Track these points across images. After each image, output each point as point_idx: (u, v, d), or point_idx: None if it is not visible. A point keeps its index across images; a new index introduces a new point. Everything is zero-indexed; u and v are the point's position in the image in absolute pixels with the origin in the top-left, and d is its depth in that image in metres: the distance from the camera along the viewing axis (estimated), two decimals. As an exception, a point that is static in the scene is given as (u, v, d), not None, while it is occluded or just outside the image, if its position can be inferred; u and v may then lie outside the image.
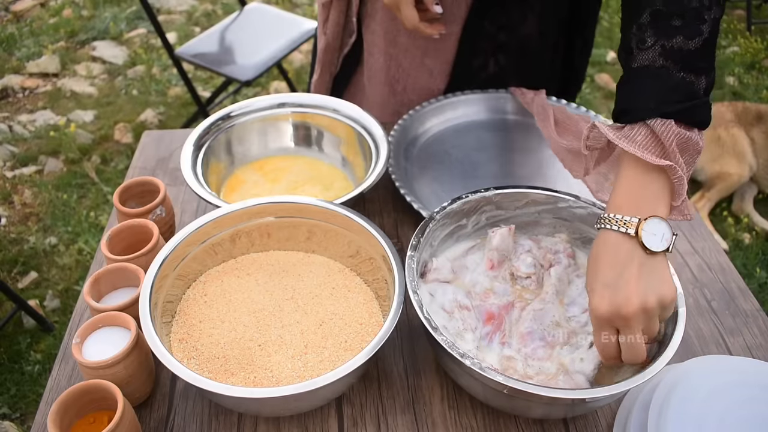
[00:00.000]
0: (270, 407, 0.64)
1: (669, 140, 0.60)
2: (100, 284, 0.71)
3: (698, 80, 0.62)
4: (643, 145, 0.61)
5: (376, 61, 1.07)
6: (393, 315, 0.64)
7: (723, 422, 0.61)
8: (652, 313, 0.59)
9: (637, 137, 0.61)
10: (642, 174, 0.62)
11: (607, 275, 0.60)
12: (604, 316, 0.60)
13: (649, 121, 0.61)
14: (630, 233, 0.60)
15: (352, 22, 1.04)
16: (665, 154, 0.61)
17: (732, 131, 2.33)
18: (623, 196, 0.62)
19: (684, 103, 0.61)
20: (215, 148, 0.95)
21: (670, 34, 0.62)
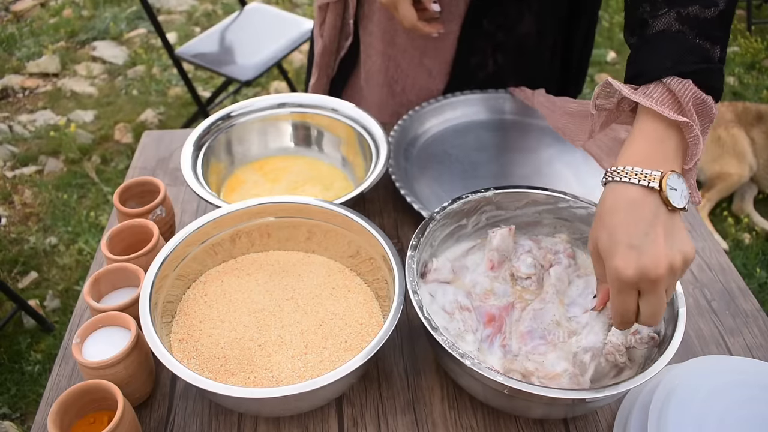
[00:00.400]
0: (270, 407, 0.64)
1: (686, 99, 0.59)
2: (101, 284, 0.71)
3: (713, 48, 0.61)
4: (660, 101, 0.59)
5: (373, 63, 1.07)
6: (393, 315, 0.64)
7: (723, 422, 0.61)
8: (678, 273, 0.57)
9: (654, 94, 0.60)
10: (659, 130, 0.59)
11: (631, 234, 0.56)
12: (631, 280, 0.56)
13: (666, 79, 0.60)
14: (653, 187, 0.56)
15: (348, 24, 1.04)
16: (682, 112, 0.59)
17: (732, 131, 2.33)
18: (640, 151, 0.59)
19: (700, 65, 0.59)
20: (215, 148, 0.95)
21: (685, 3, 0.61)
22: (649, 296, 0.57)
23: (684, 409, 0.62)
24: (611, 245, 0.57)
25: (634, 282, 0.56)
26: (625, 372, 0.66)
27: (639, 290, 0.57)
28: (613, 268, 0.56)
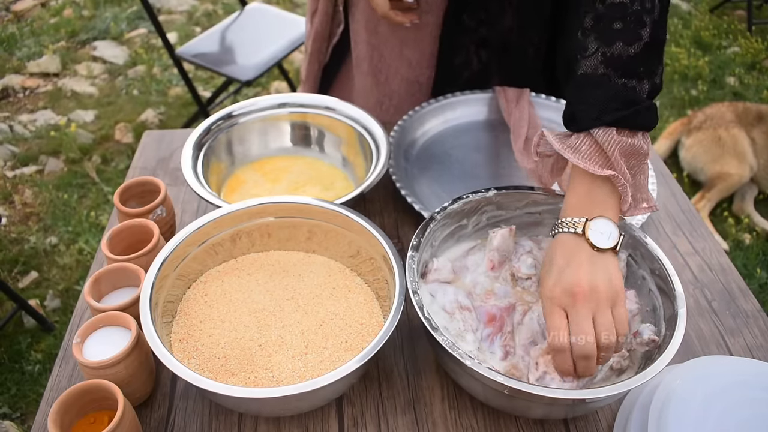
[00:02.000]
0: (270, 407, 0.64)
1: (611, 149, 0.63)
2: (101, 284, 0.71)
3: (640, 85, 0.64)
4: (587, 155, 0.64)
5: (360, 51, 1.08)
6: (393, 315, 0.64)
7: (723, 423, 0.61)
8: (602, 297, 0.61)
9: (582, 147, 0.64)
10: (589, 183, 0.65)
11: (559, 264, 0.63)
12: (555, 295, 0.62)
13: (593, 130, 0.64)
14: (578, 232, 0.63)
15: (339, 11, 1.05)
16: (609, 163, 0.63)
17: (732, 131, 2.33)
18: (573, 204, 0.66)
19: (624, 111, 0.63)
20: (216, 148, 0.95)
21: (610, 40, 0.64)
22: (573, 314, 0.61)
23: (684, 410, 0.62)
24: (546, 274, 0.65)
25: (558, 298, 0.62)
26: (626, 372, 0.66)
27: (565, 309, 0.62)
28: (544, 288, 0.64)
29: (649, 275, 0.72)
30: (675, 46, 3.33)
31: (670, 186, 1.02)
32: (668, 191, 1.01)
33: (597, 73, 0.65)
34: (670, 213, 0.97)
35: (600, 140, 0.63)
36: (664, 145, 2.49)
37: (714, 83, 3.06)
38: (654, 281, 0.71)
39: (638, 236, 0.73)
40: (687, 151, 2.42)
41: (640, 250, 0.73)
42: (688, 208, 0.98)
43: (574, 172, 0.66)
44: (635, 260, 0.74)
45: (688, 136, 2.43)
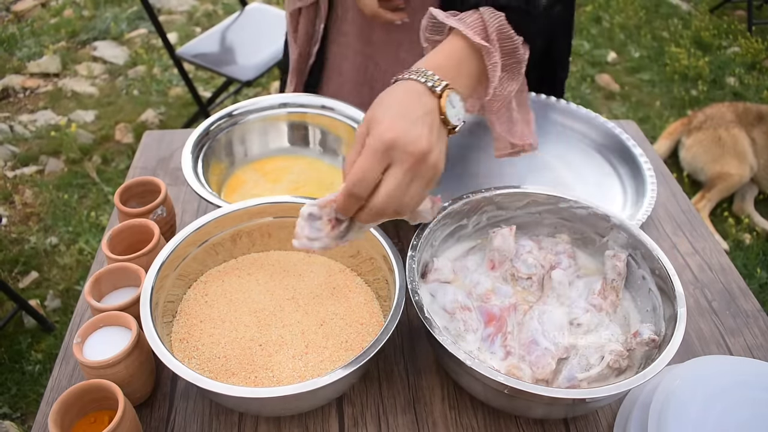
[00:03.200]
0: (271, 407, 0.64)
1: (492, 28, 0.62)
2: (101, 284, 0.71)
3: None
4: (470, 25, 0.63)
5: (351, 64, 1.06)
6: (394, 315, 0.64)
7: (723, 423, 0.61)
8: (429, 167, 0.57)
9: (468, 19, 0.64)
10: (461, 50, 0.63)
11: (407, 111, 0.57)
12: (389, 143, 0.55)
13: (482, 8, 0.64)
14: (436, 90, 0.58)
15: (318, 30, 1.04)
16: (486, 39, 0.63)
17: (733, 132, 2.33)
18: (437, 61, 0.62)
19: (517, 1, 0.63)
20: (216, 149, 0.95)
21: None
22: (397, 169, 0.56)
23: (684, 409, 0.62)
24: (384, 114, 0.57)
25: (390, 146, 0.55)
26: (626, 372, 0.66)
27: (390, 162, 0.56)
28: (379, 130, 0.56)
29: (650, 275, 0.72)
30: (675, 46, 3.33)
31: (671, 186, 1.02)
32: (668, 191, 1.01)
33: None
34: (671, 213, 0.97)
35: (485, 17, 0.63)
36: (665, 145, 2.49)
37: (714, 83, 3.06)
38: (654, 281, 0.71)
39: (638, 236, 0.73)
40: (687, 151, 2.42)
41: (640, 250, 0.73)
42: (689, 208, 0.98)
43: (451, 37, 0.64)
44: (635, 260, 0.74)
45: (689, 136, 2.43)
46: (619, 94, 2.99)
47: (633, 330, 0.69)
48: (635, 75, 3.15)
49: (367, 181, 0.56)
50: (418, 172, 0.57)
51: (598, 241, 0.78)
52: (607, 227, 0.76)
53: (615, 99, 2.96)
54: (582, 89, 2.97)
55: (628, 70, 3.19)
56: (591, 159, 1.02)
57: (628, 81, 3.10)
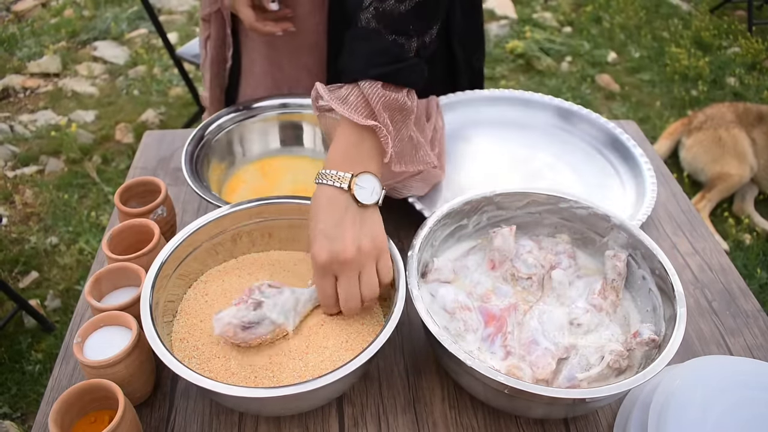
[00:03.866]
0: (271, 407, 0.64)
1: (375, 101, 0.65)
2: (101, 284, 0.71)
3: (409, 42, 0.66)
4: (354, 105, 0.66)
5: (260, 68, 1.06)
6: (394, 315, 0.64)
7: (723, 423, 0.61)
8: (367, 256, 0.65)
9: (350, 98, 0.66)
10: (355, 133, 0.66)
11: (326, 224, 0.65)
12: (325, 263, 0.65)
13: (360, 82, 0.66)
14: (344, 187, 0.65)
15: (228, 35, 1.04)
16: (373, 115, 0.65)
17: (733, 132, 2.33)
18: (339, 154, 0.67)
19: (389, 66, 0.65)
20: (216, 148, 0.95)
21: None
22: (342, 279, 0.65)
23: (684, 410, 0.62)
24: (312, 236, 0.66)
25: (328, 265, 0.65)
26: (626, 372, 0.66)
27: (334, 274, 0.66)
28: (312, 254, 0.65)
29: (650, 275, 0.72)
30: (675, 46, 3.33)
31: (671, 186, 1.02)
32: (668, 191, 1.01)
33: (369, 27, 0.66)
34: (671, 213, 0.97)
35: (366, 92, 0.65)
36: (665, 146, 2.49)
37: (714, 83, 3.06)
38: (654, 281, 0.71)
39: (638, 236, 0.73)
40: (687, 152, 2.42)
41: (640, 250, 0.73)
42: (689, 209, 0.98)
43: (342, 123, 0.67)
44: (635, 260, 0.74)
45: (689, 137, 2.43)
46: (619, 95, 3.00)
47: (633, 330, 0.70)
48: (635, 75, 3.15)
49: (329, 298, 0.68)
50: (361, 266, 0.65)
51: (598, 241, 0.78)
52: (608, 227, 0.76)
53: (615, 99, 2.96)
54: (582, 89, 2.97)
55: (628, 70, 3.19)
56: (591, 159, 1.02)
57: (629, 81, 3.10)
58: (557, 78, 3.04)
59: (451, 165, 1.00)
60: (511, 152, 1.03)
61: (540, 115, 1.08)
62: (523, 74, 3.12)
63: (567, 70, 3.14)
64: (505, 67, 3.15)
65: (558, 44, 3.31)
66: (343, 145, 0.67)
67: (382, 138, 0.66)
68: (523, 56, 3.19)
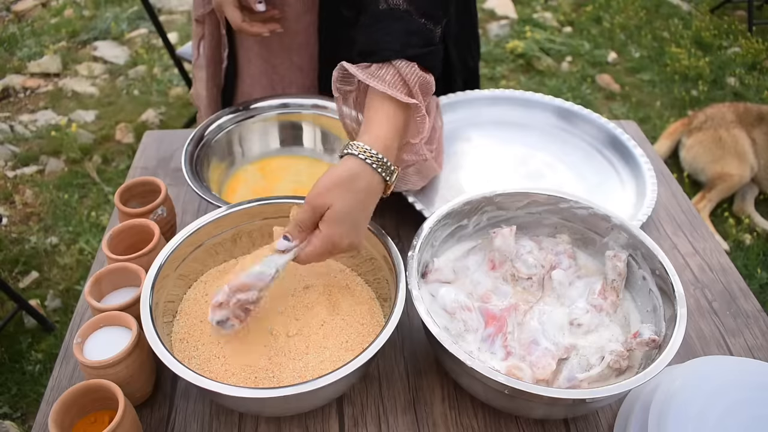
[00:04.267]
0: (271, 407, 0.64)
1: (413, 81, 0.65)
2: (102, 284, 0.71)
3: (436, 28, 0.68)
4: (392, 83, 0.65)
5: (255, 68, 1.06)
6: (394, 315, 0.64)
7: (723, 423, 0.61)
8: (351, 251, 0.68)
9: (386, 76, 0.66)
10: (391, 110, 0.66)
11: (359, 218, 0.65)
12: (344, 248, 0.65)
13: (395, 62, 0.66)
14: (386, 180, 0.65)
15: (223, 35, 1.04)
16: (410, 94, 0.66)
17: (733, 132, 2.33)
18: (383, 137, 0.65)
19: (424, 48, 0.66)
20: (216, 149, 0.95)
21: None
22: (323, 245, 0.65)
23: (684, 410, 0.61)
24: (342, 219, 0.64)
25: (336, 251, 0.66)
26: (626, 373, 0.66)
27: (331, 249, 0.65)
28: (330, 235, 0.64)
29: (650, 275, 0.72)
30: (675, 46, 3.33)
31: (671, 186, 1.02)
32: (669, 191, 1.01)
33: (400, 9, 0.66)
34: (671, 213, 0.97)
35: (402, 72, 0.65)
36: (665, 145, 2.49)
37: (714, 83, 3.06)
38: (654, 281, 0.71)
39: (639, 236, 0.73)
40: (688, 152, 2.42)
41: (640, 250, 0.73)
42: (689, 209, 0.98)
43: (377, 100, 0.66)
44: (636, 260, 0.74)
45: (689, 137, 2.43)
46: (619, 95, 2.99)
47: (633, 330, 0.69)
48: (636, 75, 3.15)
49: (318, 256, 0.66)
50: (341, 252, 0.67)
51: (598, 241, 0.78)
52: (608, 227, 0.76)
53: (615, 99, 2.96)
54: (582, 89, 2.97)
55: (628, 70, 3.19)
56: (591, 159, 1.02)
57: (629, 81, 3.10)
58: (557, 78, 3.04)
59: (451, 165, 1.00)
60: (511, 152, 1.03)
61: (540, 115, 1.08)
62: (523, 74, 3.12)
63: (567, 70, 3.14)
64: (505, 67, 3.15)
65: (558, 44, 3.31)
66: (386, 126, 0.65)
67: (419, 117, 0.66)
68: (524, 56, 3.19)
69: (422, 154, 0.77)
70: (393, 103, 0.65)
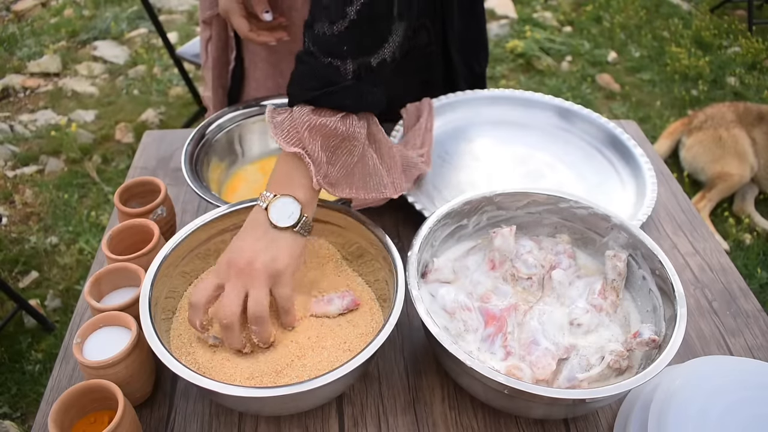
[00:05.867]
0: (270, 407, 0.64)
1: (301, 127, 0.64)
2: (101, 284, 0.71)
3: (344, 65, 0.64)
4: (285, 131, 0.66)
5: (261, 72, 1.06)
6: (393, 315, 0.64)
7: (724, 423, 0.61)
8: (258, 274, 0.63)
9: (285, 123, 0.66)
10: (286, 159, 0.67)
11: (237, 237, 0.66)
12: (220, 266, 0.65)
13: (295, 107, 0.66)
14: (262, 206, 0.65)
15: (231, 37, 1.04)
16: (300, 141, 0.65)
17: (733, 132, 2.33)
18: (272, 177, 0.68)
19: (321, 90, 0.64)
20: (216, 148, 0.95)
21: (318, 17, 0.64)
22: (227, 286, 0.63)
23: (684, 410, 0.61)
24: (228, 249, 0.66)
25: (220, 268, 0.65)
26: (626, 372, 0.66)
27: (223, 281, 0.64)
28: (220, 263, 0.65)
29: (650, 275, 0.72)
30: (675, 46, 3.33)
31: (671, 186, 1.02)
32: (669, 191, 1.01)
33: (308, 51, 0.65)
34: (671, 213, 0.97)
35: (294, 117, 0.65)
36: (665, 145, 2.49)
37: (714, 83, 3.06)
38: (654, 281, 0.71)
39: (639, 236, 0.73)
40: (687, 151, 2.42)
41: (640, 250, 0.73)
42: (689, 208, 0.98)
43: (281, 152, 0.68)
44: (636, 260, 0.74)
45: (689, 136, 2.43)
46: (619, 94, 2.99)
47: (633, 330, 0.69)
48: (636, 75, 3.15)
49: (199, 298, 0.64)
50: (248, 282, 0.63)
51: (598, 241, 0.78)
52: (608, 227, 0.76)
53: (615, 99, 2.96)
54: (582, 89, 2.97)
55: (628, 69, 3.19)
56: (591, 159, 1.02)
57: (629, 81, 3.10)
58: (557, 78, 3.04)
59: (451, 165, 1.00)
60: (511, 152, 1.03)
61: (540, 114, 1.08)
62: (523, 74, 3.12)
63: (567, 69, 3.14)
64: (505, 67, 3.15)
65: (558, 44, 3.31)
66: (277, 168, 0.68)
67: (306, 164, 0.65)
68: (524, 56, 3.19)
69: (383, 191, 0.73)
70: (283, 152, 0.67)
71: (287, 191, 0.66)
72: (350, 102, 0.65)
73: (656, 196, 0.92)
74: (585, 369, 0.65)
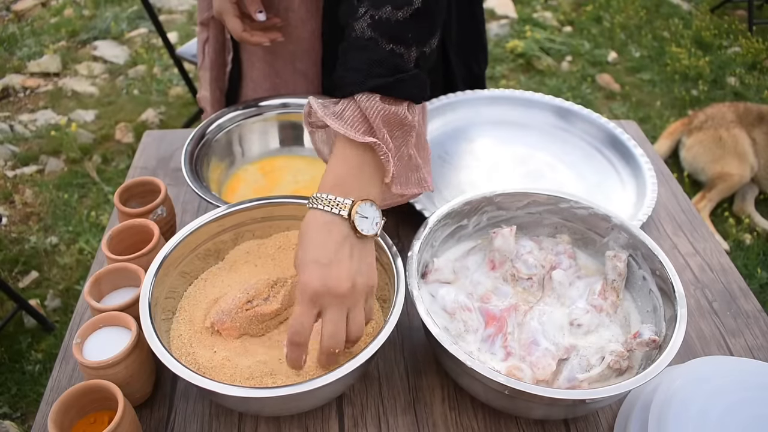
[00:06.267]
0: (270, 407, 0.64)
1: (373, 116, 0.60)
2: (101, 284, 0.71)
3: (408, 52, 0.62)
4: (350, 121, 0.61)
5: (258, 72, 1.06)
6: (393, 316, 0.64)
7: (724, 423, 0.61)
8: (359, 293, 0.60)
9: (346, 113, 0.61)
10: (352, 152, 0.61)
11: (320, 253, 0.59)
12: (314, 294, 0.58)
13: (357, 96, 0.61)
14: (343, 215, 0.59)
15: (228, 39, 1.03)
16: (371, 131, 0.61)
17: (733, 132, 2.33)
18: (337, 177, 0.62)
19: (388, 77, 0.61)
20: (216, 148, 0.95)
21: (377, 3, 0.62)
22: (330, 313, 0.59)
23: (685, 410, 0.61)
24: (302, 262, 0.59)
25: (318, 297, 0.58)
26: (626, 373, 0.66)
27: (321, 308, 0.59)
28: (301, 281, 0.59)
29: (650, 275, 0.72)
30: (676, 46, 3.33)
31: (671, 186, 1.02)
32: (669, 191, 1.01)
33: (364, 37, 0.62)
34: (671, 213, 0.97)
35: (363, 106, 0.60)
36: (665, 145, 2.49)
37: (715, 83, 3.06)
38: (654, 281, 0.71)
39: (639, 236, 0.73)
40: (688, 151, 2.42)
41: (640, 250, 0.73)
42: (689, 209, 0.98)
43: (338, 141, 0.63)
44: (636, 260, 0.74)
45: (689, 136, 2.43)
46: (619, 94, 2.99)
47: (633, 330, 0.69)
48: (636, 75, 3.15)
49: (304, 329, 0.59)
50: (351, 304, 0.60)
51: (598, 241, 0.78)
52: (608, 227, 0.76)
53: (615, 99, 2.96)
54: (582, 89, 2.97)
55: (628, 69, 3.19)
56: (591, 159, 1.02)
57: (629, 81, 3.10)
58: (557, 78, 3.04)
59: (451, 165, 1.00)
60: (511, 152, 1.03)
61: (540, 114, 1.08)
62: (523, 74, 3.12)
63: (567, 69, 3.14)
64: (505, 67, 3.15)
65: (558, 44, 3.31)
66: (340, 166, 0.62)
67: (382, 156, 0.61)
68: (524, 56, 3.19)
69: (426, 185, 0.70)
70: (349, 143, 0.61)
71: (364, 194, 0.61)
72: (416, 91, 0.62)
73: (656, 197, 0.92)
74: (585, 369, 0.65)
